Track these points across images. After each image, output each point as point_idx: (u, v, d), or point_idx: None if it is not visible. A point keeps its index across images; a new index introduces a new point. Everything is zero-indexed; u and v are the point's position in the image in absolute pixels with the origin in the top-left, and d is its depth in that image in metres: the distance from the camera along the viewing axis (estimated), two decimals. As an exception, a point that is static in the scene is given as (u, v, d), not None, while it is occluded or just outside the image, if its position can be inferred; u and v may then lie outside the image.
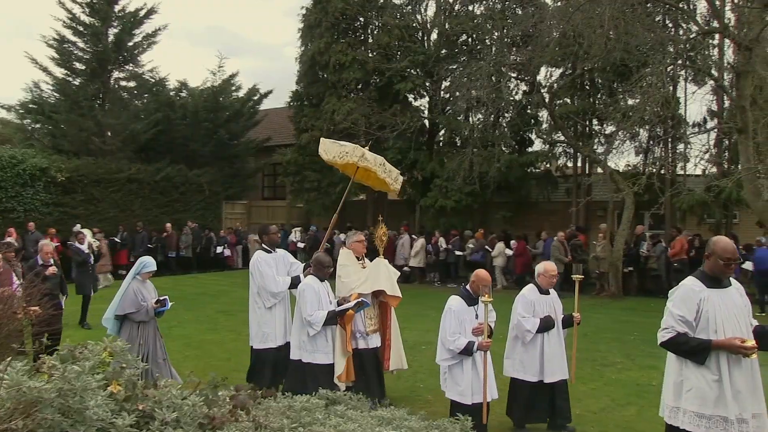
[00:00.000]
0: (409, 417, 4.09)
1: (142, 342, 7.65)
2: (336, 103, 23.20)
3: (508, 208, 23.42)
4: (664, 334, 4.82)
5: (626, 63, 17.96)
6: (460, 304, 6.69)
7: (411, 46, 23.59)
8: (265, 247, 8.35)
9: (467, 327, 6.58)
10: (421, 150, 23.74)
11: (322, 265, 7.39)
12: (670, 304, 4.86)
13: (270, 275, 8.02)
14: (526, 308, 7.09)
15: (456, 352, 6.50)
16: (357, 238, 8.27)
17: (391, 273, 7.96)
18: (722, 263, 4.75)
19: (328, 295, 7.33)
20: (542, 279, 7.23)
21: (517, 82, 23.12)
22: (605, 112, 21.00)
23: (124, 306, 7.62)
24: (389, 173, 8.53)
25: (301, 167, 25.04)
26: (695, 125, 22.18)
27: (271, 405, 3.81)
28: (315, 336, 7.09)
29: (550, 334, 7.09)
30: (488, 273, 6.90)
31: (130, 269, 8.12)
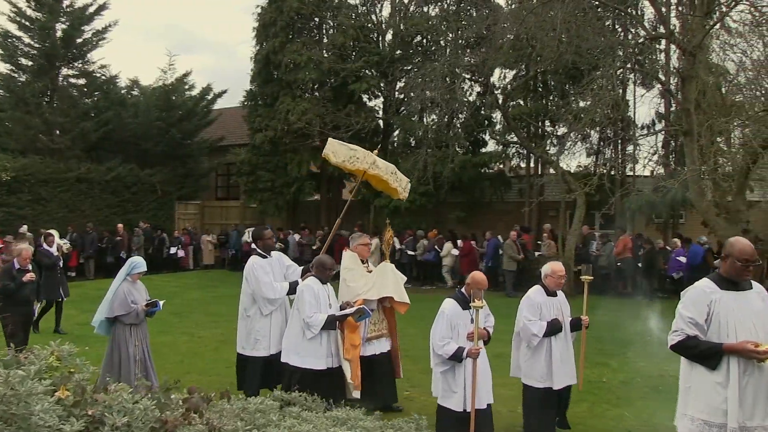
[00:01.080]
0: (364, 417, 4.08)
1: (137, 343, 7.47)
2: (290, 103, 23.07)
3: (462, 208, 23.58)
4: (673, 337, 4.59)
5: (578, 66, 18.27)
6: (454, 307, 6.40)
7: (366, 46, 23.60)
8: (259, 251, 8.00)
9: (461, 332, 6.30)
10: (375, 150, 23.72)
11: (324, 266, 7.15)
12: (681, 305, 4.63)
13: (267, 281, 7.65)
14: (532, 311, 6.76)
15: (445, 358, 6.23)
16: (362, 240, 8.04)
17: (398, 278, 7.75)
18: (740, 265, 4.49)
19: (328, 298, 7.07)
20: (549, 280, 6.89)
21: (471, 83, 23.31)
22: (557, 113, 21.35)
23: (114, 308, 7.39)
24: (400, 182, 8.34)
25: (255, 167, 24.85)
26: (644, 127, 22.75)
27: (225, 407, 3.76)
28: (310, 340, 6.85)
29: (557, 338, 6.78)
30: (484, 276, 6.54)
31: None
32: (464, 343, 6.23)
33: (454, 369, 6.28)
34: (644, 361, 10.10)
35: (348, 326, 7.15)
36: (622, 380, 9.24)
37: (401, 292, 7.65)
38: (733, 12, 13.89)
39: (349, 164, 8.10)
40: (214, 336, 12.02)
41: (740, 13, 13.89)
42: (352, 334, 7.19)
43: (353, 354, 7.17)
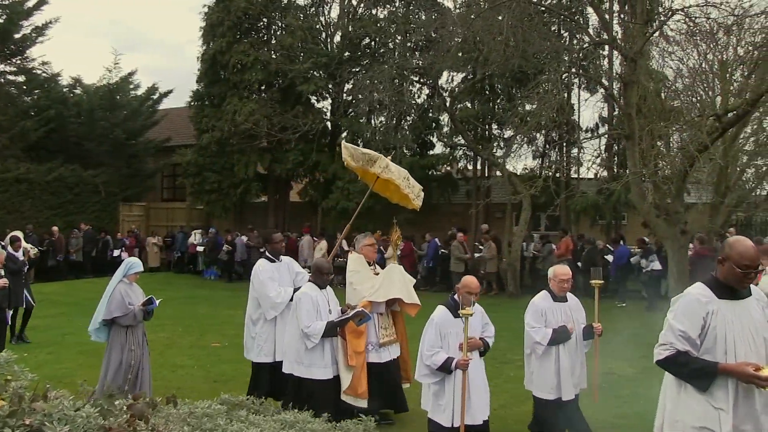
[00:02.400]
0: (312, 420, 4.07)
1: (134, 347, 7.21)
2: (238, 103, 22.86)
3: (410, 210, 23.61)
4: (660, 351, 4.04)
5: (524, 70, 18.54)
6: (444, 315, 5.93)
7: (314, 47, 23.54)
8: (268, 255, 7.80)
9: (451, 341, 5.82)
10: (323, 152, 23.70)
11: (321, 271, 6.90)
12: (671, 315, 4.09)
13: (270, 286, 7.45)
14: (536, 317, 6.36)
15: (434, 368, 5.76)
16: (367, 241, 7.74)
17: (406, 279, 7.48)
18: (740, 272, 3.90)
19: (328, 304, 6.82)
20: (553, 284, 6.51)
21: (419, 85, 23.45)
22: (504, 116, 21.63)
23: (111, 309, 7.12)
24: (412, 188, 8.00)
25: (201, 168, 24.52)
26: (588, 131, 23.24)
27: (171, 412, 3.71)
28: (312, 349, 6.60)
29: (567, 346, 6.33)
30: (475, 279, 6.05)
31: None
32: (455, 353, 5.74)
33: (443, 381, 5.82)
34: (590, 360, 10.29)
35: (351, 331, 6.86)
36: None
37: (410, 293, 7.39)
38: (670, 21, 14.29)
39: (369, 167, 7.78)
40: (159, 340, 11.79)
41: (677, 23, 14.30)
42: (356, 340, 6.90)
43: (358, 361, 6.88)
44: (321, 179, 24.37)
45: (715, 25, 13.53)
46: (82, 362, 10.17)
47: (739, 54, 14.14)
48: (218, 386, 8.32)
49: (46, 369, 9.44)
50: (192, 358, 10.36)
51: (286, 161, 23.34)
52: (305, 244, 21.63)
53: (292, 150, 23.07)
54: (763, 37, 13.28)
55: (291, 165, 23.34)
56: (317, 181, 24.68)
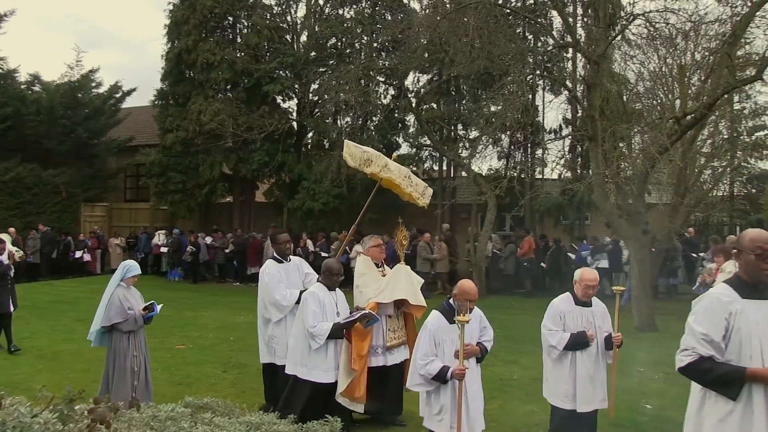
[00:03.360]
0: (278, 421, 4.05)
1: (136, 353, 7.01)
2: (203, 103, 22.66)
3: (376, 211, 23.67)
4: (682, 357, 3.74)
5: (489, 71, 18.67)
6: (439, 321, 5.59)
7: (280, 47, 23.44)
8: (275, 256, 7.66)
9: (446, 348, 5.50)
10: (289, 152, 23.59)
11: (330, 272, 6.75)
12: (691, 318, 3.80)
13: (275, 287, 7.30)
14: (554, 320, 6.02)
15: (429, 378, 5.43)
16: (374, 242, 7.53)
17: (413, 280, 7.24)
18: (754, 258, 3.67)
19: (336, 306, 6.69)
20: (577, 288, 6.10)
21: (386, 86, 23.50)
22: (469, 117, 21.80)
23: (110, 316, 6.91)
24: (415, 186, 7.73)
25: (165, 168, 24.24)
26: (552, 132, 23.52)
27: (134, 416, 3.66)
28: (315, 351, 6.46)
29: (585, 353, 5.95)
30: (473, 284, 5.70)
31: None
32: (451, 361, 5.43)
33: (439, 390, 5.51)
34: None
35: (357, 333, 6.67)
36: (532, 377, 9.47)
37: (416, 294, 7.12)
38: (631, 26, 14.54)
39: (365, 167, 7.53)
40: (121, 342, 11.62)
41: (638, 27, 14.57)
42: (361, 343, 6.69)
43: (360, 364, 6.67)
44: (287, 180, 24.28)
45: (674, 30, 13.82)
46: (41, 367, 9.98)
47: (696, 59, 14.45)
48: (183, 389, 8.25)
49: (1, 375, 9.22)
50: (155, 361, 10.16)
51: (251, 161, 23.20)
52: (270, 245, 21.48)
53: (258, 150, 22.93)
54: (718, 43, 13.58)
55: (256, 165, 23.20)
56: (283, 181, 24.58)
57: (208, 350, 11.21)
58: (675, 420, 7.32)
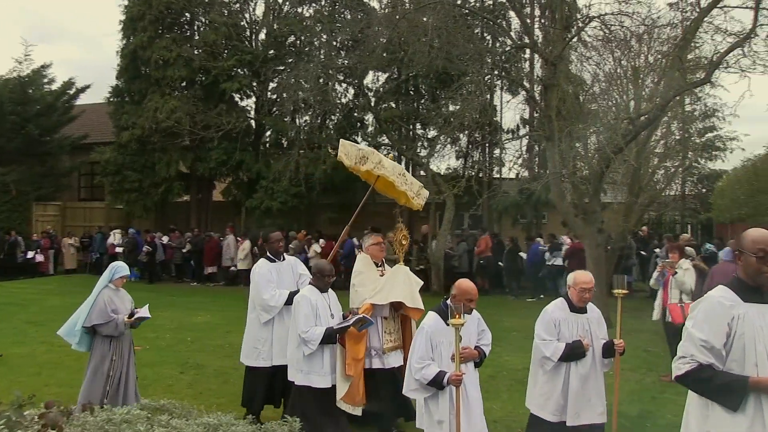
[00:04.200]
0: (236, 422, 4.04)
1: (116, 357, 6.77)
2: (159, 100, 22.36)
3: (334, 210, 23.69)
4: (680, 365, 3.50)
5: (448, 71, 18.78)
6: (436, 323, 5.29)
7: (238, 45, 23.26)
8: (268, 255, 7.47)
9: (444, 352, 5.20)
10: (246, 151, 23.42)
11: (321, 273, 6.55)
12: (690, 323, 3.55)
13: (264, 287, 7.13)
14: (548, 329, 5.61)
15: (424, 383, 5.14)
16: (374, 240, 7.32)
17: (411, 281, 6.98)
18: (755, 259, 3.45)
19: (329, 308, 6.47)
20: (572, 292, 5.71)
21: (345, 85, 23.48)
22: (428, 117, 21.91)
23: (91, 317, 6.69)
24: (410, 185, 7.34)
25: (120, 167, 23.85)
26: (509, 132, 23.75)
27: (87, 420, 3.61)
28: (311, 356, 6.28)
29: (580, 364, 5.55)
30: (473, 284, 5.40)
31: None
32: (448, 366, 5.12)
33: (437, 397, 5.21)
34: (509, 356, 10.55)
35: (351, 337, 6.47)
36: (490, 374, 9.57)
37: (413, 296, 6.84)
38: (588, 28, 14.79)
39: (361, 166, 7.22)
40: (75, 344, 11.39)
41: (594, 29, 14.83)
42: (356, 346, 6.50)
43: (357, 368, 6.50)
44: (245, 178, 24.12)
45: (628, 33, 14.09)
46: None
47: (649, 61, 14.76)
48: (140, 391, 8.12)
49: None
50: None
51: (209, 160, 22.99)
52: (229, 244, 21.34)
53: (216, 149, 22.72)
54: (670, 46, 13.90)
55: (214, 164, 23.00)
56: (241, 180, 24.41)
57: (165, 351, 11.06)
58: (628, 414, 7.51)
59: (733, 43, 12.42)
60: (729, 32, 12.65)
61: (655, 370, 9.91)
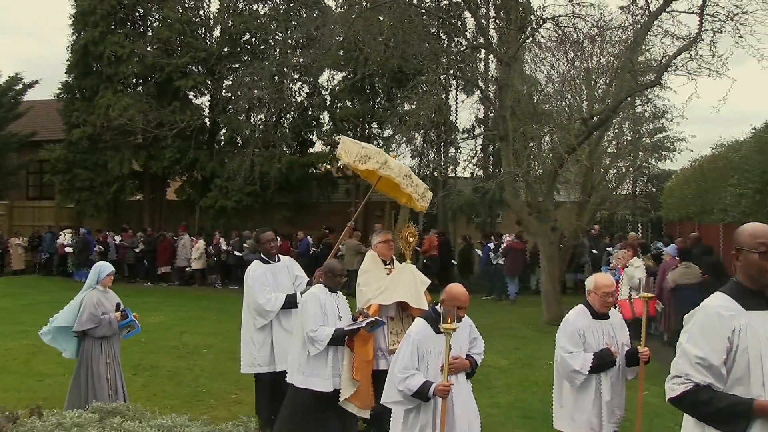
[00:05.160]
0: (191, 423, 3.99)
1: (109, 360, 6.56)
2: (111, 97, 21.94)
3: (289, 209, 23.59)
4: (673, 386, 3.06)
5: (403, 70, 18.86)
6: (423, 329, 4.88)
7: (192, 42, 22.95)
8: (262, 257, 7.18)
9: (432, 362, 4.79)
10: (201, 149, 23.16)
11: (333, 272, 6.28)
12: (684, 337, 3.09)
13: (259, 291, 6.84)
14: (572, 340, 5.13)
15: (408, 394, 4.69)
16: (382, 237, 6.98)
17: (417, 281, 6.67)
18: (757, 256, 3.00)
19: (338, 309, 6.21)
20: (593, 298, 5.23)
21: (300, 83, 23.38)
22: (384, 116, 21.96)
23: (82, 321, 6.44)
24: (416, 187, 7.05)
25: (71, 165, 23.34)
26: (464, 131, 23.98)
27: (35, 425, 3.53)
28: (315, 357, 6.01)
29: (610, 374, 5.12)
30: (464, 289, 4.96)
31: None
32: (436, 377, 4.72)
33: (419, 408, 4.81)
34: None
35: (359, 339, 6.18)
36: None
37: (418, 296, 6.52)
38: (542, 29, 15.01)
39: (360, 164, 6.88)
40: (23, 348, 11.12)
41: (548, 31, 15.06)
42: (365, 348, 6.18)
43: (366, 370, 6.18)
44: (199, 177, 23.88)
45: (581, 35, 14.34)
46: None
47: (602, 63, 15.05)
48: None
49: None
50: (61, 365, 9.80)
51: (162, 158, 22.67)
52: (184, 244, 21.08)
53: (169, 147, 22.40)
54: (621, 48, 14.20)
55: (168, 162, 22.69)
56: (195, 179, 24.16)
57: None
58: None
59: (681, 46, 12.75)
60: (677, 36, 12.99)
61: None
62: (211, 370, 9.50)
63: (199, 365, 9.99)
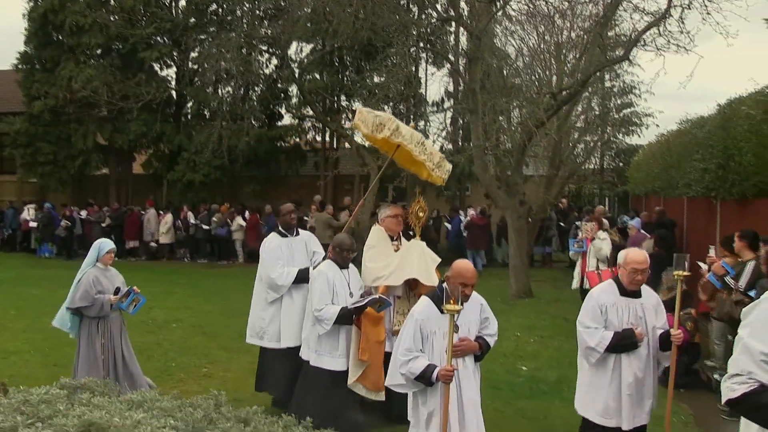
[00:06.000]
0: (161, 398, 3.97)
1: (105, 341, 6.41)
2: (74, 68, 21.47)
3: (258, 182, 23.46)
4: (732, 386, 2.72)
5: (373, 43, 18.70)
6: (428, 309, 4.60)
7: (157, 12, 22.49)
8: (280, 230, 6.97)
9: (437, 343, 4.52)
10: (167, 122, 22.83)
11: (341, 247, 6.05)
12: (745, 331, 2.77)
13: (272, 264, 6.64)
14: (593, 315, 4.82)
15: (411, 378, 4.47)
16: (391, 212, 6.70)
17: (427, 258, 6.34)
18: None
19: (348, 286, 5.99)
20: (622, 273, 4.86)
21: (268, 55, 23.09)
22: (353, 88, 21.84)
23: (75, 298, 6.30)
24: (430, 155, 6.58)
25: (33, 138, 22.85)
26: (434, 104, 23.94)
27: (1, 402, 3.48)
28: (326, 335, 5.85)
29: (633, 357, 4.76)
30: (471, 265, 4.68)
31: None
32: (441, 358, 4.46)
33: (426, 392, 4.55)
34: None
35: (369, 319, 5.95)
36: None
37: (428, 274, 6.16)
38: (513, 2, 14.95)
39: (377, 133, 6.51)
40: (-14, 324, 10.94)
41: (519, 4, 15.01)
42: (375, 328, 5.97)
43: (379, 350, 5.97)
44: (166, 151, 23.59)
45: (552, 8, 14.33)
46: None
47: (572, 37, 15.10)
48: (58, 371, 7.83)
49: None
50: (27, 342, 9.70)
51: (128, 132, 22.32)
52: (151, 218, 20.84)
53: (135, 120, 22.02)
54: (591, 23, 14.23)
55: (134, 136, 22.36)
56: (162, 152, 23.84)
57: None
58: (547, 380, 7.77)
59: (650, 22, 12.79)
60: (646, 11, 13.00)
61: (573, 337, 10.13)
62: (181, 345, 9.45)
63: (168, 340, 9.93)
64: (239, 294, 14.48)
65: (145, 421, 3.27)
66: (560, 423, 6.49)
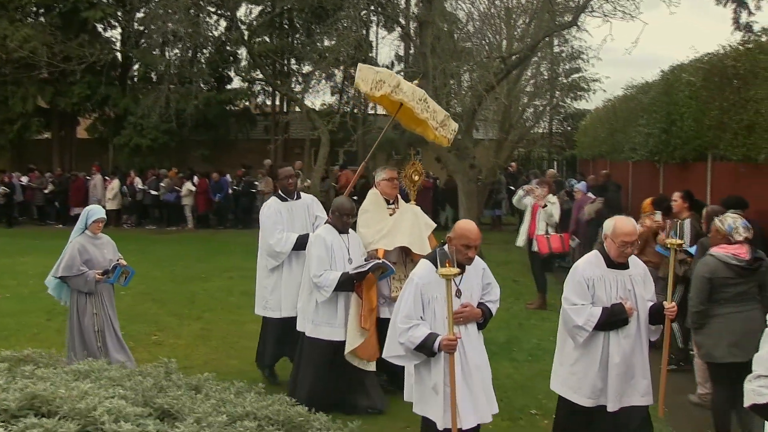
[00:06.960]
0: (109, 367, 3.93)
1: (96, 311, 6.15)
2: (8, 27, 20.64)
3: (207, 146, 23.14)
4: (760, 389, 2.39)
5: (323, 5, 18.44)
6: (428, 272, 4.14)
7: (100, -31, 21.72)
8: (279, 193, 6.65)
9: (438, 309, 4.11)
10: (113, 85, 22.26)
11: (340, 211, 5.75)
12: None
13: (270, 230, 6.32)
14: (579, 291, 4.40)
15: (411, 348, 4.07)
16: (386, 175, 6.32)
17: (420, 224, 6.09)
18: None
19: (347, 252, 5.71)
20: (609, 244, 4.43)
21: (217, 17, 22.57)
22: (303, 52, 21.57)
23: (59, 267, 6.06)
24: (433, 113, 6.18)
25: (-32, 102, 22.03)
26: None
27: (-63, 378, 3.40)
28: (324, 304, 5.60)
29: (622, 333, 4.38)
30: (475, 226, 4.26)
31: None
32: (443, 326, 4.04)
33: (429, 363, 4.14)
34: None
35: (367, 284, 5.68)
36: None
37: (421, 241, 5.92)
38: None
39: (376, 91, 6.14)
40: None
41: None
42: (368, 293, 5.68)
43: (372, 320, 5.69)
44: (111, 114, 23.06)
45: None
46: None
47: (521, 2, 15.13)
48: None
49: None
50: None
51: (71, 95, 21.70)
52: (96, 184, 20.38)
53: (78, 82, 21.35)
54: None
55: (77, 99, 21.76)
56: (107, 116, 23.29)
57: (29, 299, 10.43)
58: (496, 341, 7.92)
59: (597, -12, 12.91)
60: (594, -23, 13.11)
61: (521, 299, 10.43)
62: (129, 312, 9.31)
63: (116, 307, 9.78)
64: (189, 260, 14.38)
65: (93, 392, 3.21)
66: (509, 383, 6.61)
